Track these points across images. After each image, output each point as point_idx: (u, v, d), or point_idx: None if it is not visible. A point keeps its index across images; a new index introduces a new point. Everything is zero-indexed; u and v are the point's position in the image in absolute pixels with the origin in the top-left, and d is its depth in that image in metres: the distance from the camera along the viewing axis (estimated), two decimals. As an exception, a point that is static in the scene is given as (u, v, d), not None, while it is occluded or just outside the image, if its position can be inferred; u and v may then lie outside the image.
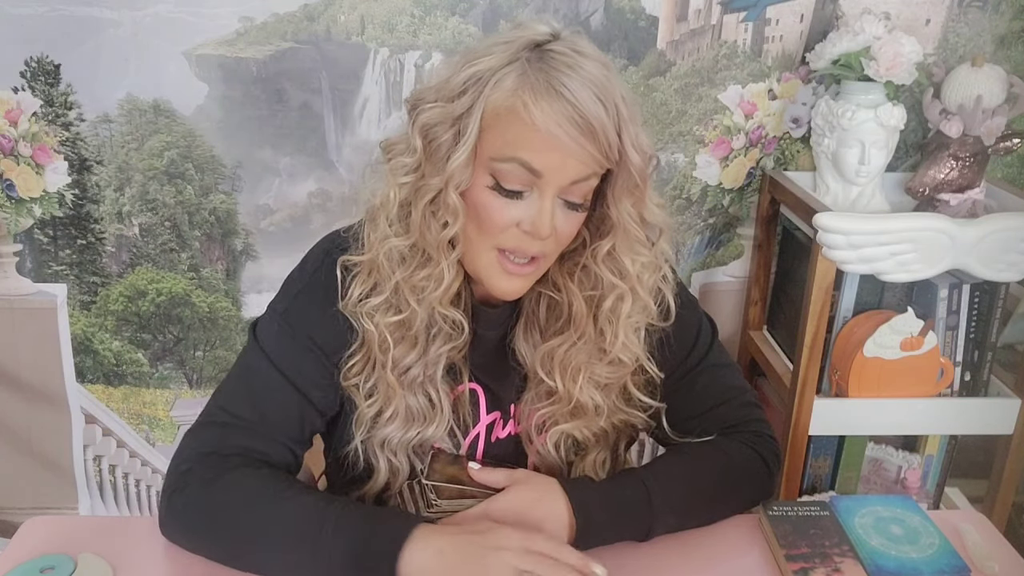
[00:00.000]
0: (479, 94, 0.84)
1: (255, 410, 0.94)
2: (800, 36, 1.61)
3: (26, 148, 1.53)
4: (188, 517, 0.90)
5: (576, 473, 1.02)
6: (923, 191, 1.52)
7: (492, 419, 1.02)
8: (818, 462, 1.63)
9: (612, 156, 0.86)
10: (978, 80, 1.48)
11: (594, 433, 1.00)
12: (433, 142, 0.87)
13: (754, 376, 1.84)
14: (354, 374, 0.95)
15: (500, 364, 1.00)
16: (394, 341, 0.93)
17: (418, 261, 0.91)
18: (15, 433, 1.74)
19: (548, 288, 0.97)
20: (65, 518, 1.62)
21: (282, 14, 1.50)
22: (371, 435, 0.97)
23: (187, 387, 1.75)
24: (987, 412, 1.53)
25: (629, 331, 0.95)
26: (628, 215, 0.91)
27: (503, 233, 0.88)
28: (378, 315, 0.92)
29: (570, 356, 0.96)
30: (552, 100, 0.82)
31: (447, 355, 0.95)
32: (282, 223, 1.64)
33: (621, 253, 0.93)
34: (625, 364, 0.97)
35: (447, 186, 0.86)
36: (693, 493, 0.96)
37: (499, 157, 0.85)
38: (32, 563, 0.91)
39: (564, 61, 0.83)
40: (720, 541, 1.01)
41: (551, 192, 0.86)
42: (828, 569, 0.92)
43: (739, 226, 1.77)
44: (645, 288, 0.95)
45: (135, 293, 1.66)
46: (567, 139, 0.83)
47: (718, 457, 1.00)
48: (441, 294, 0.91)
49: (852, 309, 1.51)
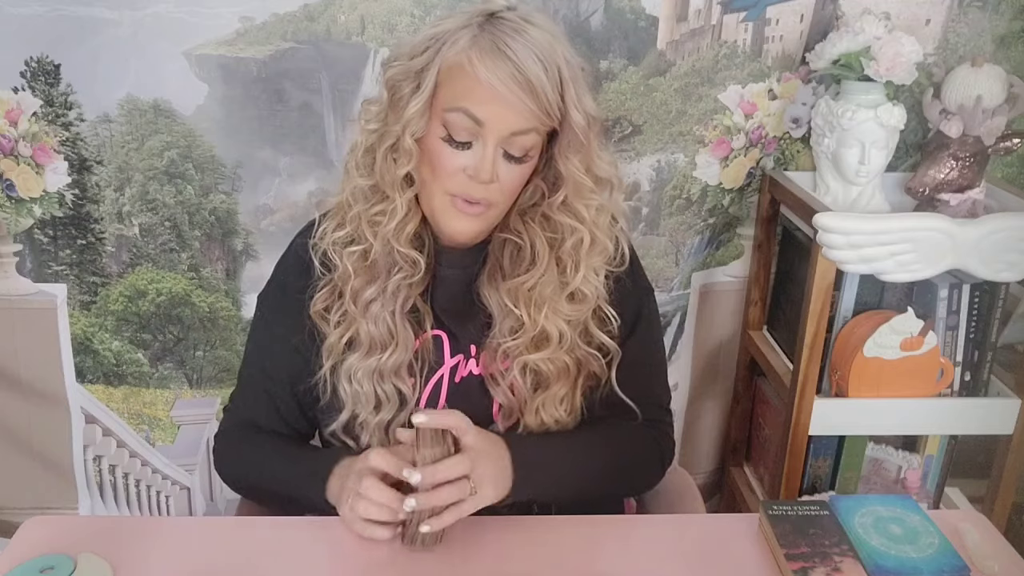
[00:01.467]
0: (436, 52, 0.96)
1: (247, 404, 1.16)
2: (800, 36, 1.61)
3: (26, 148, 1.53)
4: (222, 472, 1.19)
5: (538, 405, 1.08)
6: (923, 191, 1.52)
7: (455, 362, 1.09)
8: (818, 462, 1.64)
9: (552, 113, 0.96)
10: (978, 80, 1.48)
11: (556, 367, 1.06)
12: (396, 94, 0.99)
13: (754, 376, 1.84)
14: (320, 302, 1.07)
15: (465, 308, 1.08)
16: (355, 271, 1.04)
17: (376, 198, 1.03)
18: (15, 433, 1.74)
19: (511, 235, 1.06)
20: (65, 518, 1.62)
21: (282, 14, 1.50)
22: (337, 365, 1.07)
23: (187, 387, 1.75)
24: (987, 412, 1.53)
25: (590, 269, 1.05)
26: (576, 168, 1.01)
27: (451, 178, 0.98)
28: (341, 247, 1.04)
29: (535, 290, 1.04)
30: (495, 58, 0.93)
31: (406, 291, 1.05)
32: (282, 223, 1.64)
33: (574, 200, 1.03)
34: (587, 298, 1.06)
35: (404, 132, 0.97)
36: (601, 461, 1.09)
37: (449, 107, 0.96)
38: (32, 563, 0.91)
39: (511, 26, 0.95)
40: (720, 541, 1.01)
41: (492, 141, 0.96)
42: (828, 569, 0.92)
43: (739, 226, 1.77)
44: (602, 231, 1.05)
45: (135, 293, 1.66)
46: (507, 92, 0.93)
47: (625, 439, 1.12)
48: (395, 229, 1.01)
49: (852, 309, 1.51)
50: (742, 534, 1.01)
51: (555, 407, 1.07)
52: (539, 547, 0.99)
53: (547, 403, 1.07)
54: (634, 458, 1.14)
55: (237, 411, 1.18)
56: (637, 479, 1.18)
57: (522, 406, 1.08)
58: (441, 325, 1.08)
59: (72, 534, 0.98)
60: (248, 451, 1.15)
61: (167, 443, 1.79)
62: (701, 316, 1.83)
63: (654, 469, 1.17)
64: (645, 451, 1.15)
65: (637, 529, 1.04)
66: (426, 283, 1.07)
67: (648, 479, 1.19)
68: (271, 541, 1.00)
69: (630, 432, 1.13)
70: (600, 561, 0.97)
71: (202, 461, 1.82)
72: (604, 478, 1.09)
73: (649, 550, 0.99)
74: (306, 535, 1.00)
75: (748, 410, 1.87)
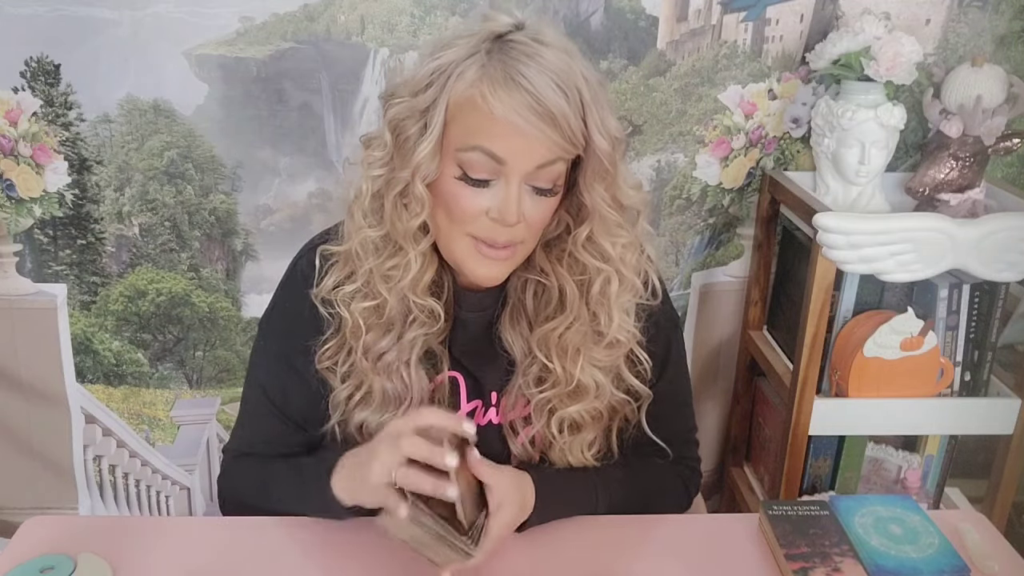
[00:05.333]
0: (443, 87, 0.86)
1: (247, 435, 1.09)
2: (800, 36, 1.61)
3: (26, 148, 1.53)
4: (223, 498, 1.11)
5: (566, 450, 1.03)
6: (923, 191, 1.52)
7: (473, 407, 1.03)
8: (818, 462, 1.63)
9: (577, 142, 0.88)
10: (978, 80, 1.48)
11: (591, 415, 1.02)
12: (401, 135, 0.89)
13: (754, 376, 1.84)
14: (328, 357, 0.99)
15: (485, 350, 1.01)
16: (367, 327, 0.96)
17: (389, 250, 0.94)
18: (15, 433, 1.74)
19: (535, 274, 0.99)
20: (65, 518, 1.62)
21: (282, 14, 1.50)
22: (346, 418, 1.01)
23: (187, 387, 1.75)
24: (987, 412, 1.53)
25: (622, 312, 0.98)
26: (602, 199, 0.93)
27: (474, 222, 0.90)
28: (352, 302, 0.96)
29: (567, 339, 0.97)
30: (510, 90, 0.84)
31: (423, 341, 0.97)
32: (282, 223, 1.64)
33: (600, 238, 0.94)
34: (622, 343, 0.99)
35: (414, 178, 0.89)
36: (626, 505, 1.04)
37: (463, 147, 0.87)
38: (32, 563, 0.91)
39: (523, 51, 0.85)
40: (720, 541, 1.01)
41: (516, 179, 0.87)
42: (828, 569, 0.92)
43: (739, 226, 1.77)
44: (629, 268, 0.97)
45: (135, 293, 1.66)
46: (527, 126, 0.84)
47: (655, 482, 1.09)
48: (410, 282, 0.94)
49: (852, 309, 1.51)
50: (742, 534, 1.01)
51: (583, 451, 1.03)
52: (539, 547, 0.99)
53: (575, 447, 1.02)
54: (661, 497, 1.10)
55: (237, 443, 1.10)
56: (661, 513, 1.10)
57: (546, 449, 1.03)
58: (458, 366, 1.02)
59: (72, 534, 0.98)
60: (251, 478, 1.07)
61: (167, 443, 1.79)
62: (701, 316, 1.83)
63: (679, 506, 1.14)
64: (672, 489, 1.12)
65: (638, 529, 1.04)
66: (445, 330, 1.00)
67: (674, 511, 1.12)
68: (271, 541, 1.00)
69: (659, 472, 1.10)
70: (600, 561, 0.97)
71: (202, 461, 1.82)
72: (628, 514, 1.05)
73: (649, 550, 0.99)
74: (306, 535, 1.00)
75: (748, 410, 1.87)
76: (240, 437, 1.10)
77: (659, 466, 1.09)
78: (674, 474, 1.12)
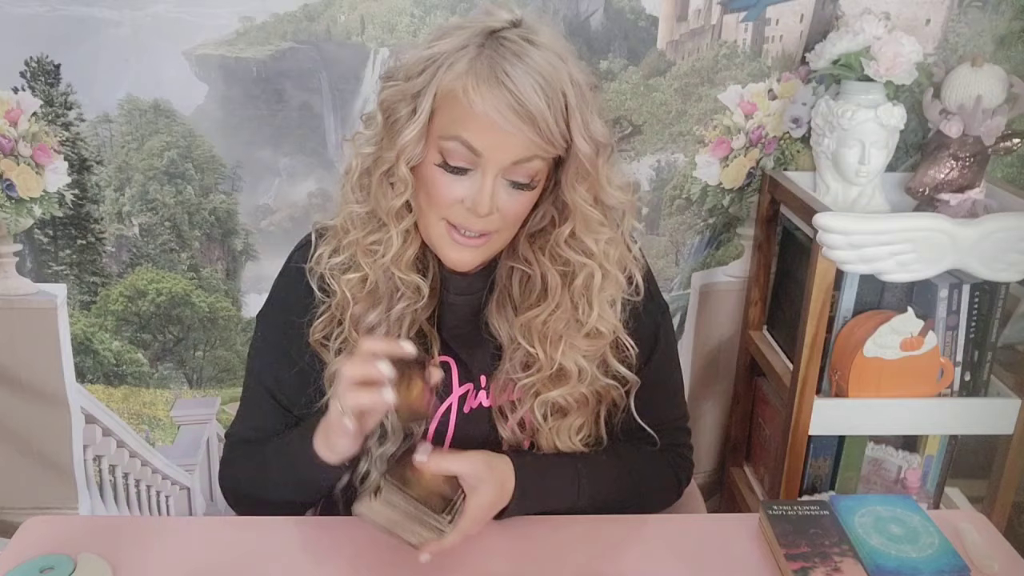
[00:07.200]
0: (433, 76, 0.89)
1: (245, 424, 1.11)
2: (800, 36, 1.61)
3: (26, 148, 1.53)
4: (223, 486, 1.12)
5: (553, 435, 1.05)
6: (923, 191, 1.52)
7: (464, 390, 1.05)
8: (818, 462, 1.63)
9: (557, 143, 0.90)
10: (978, 80, 1.48)
11: (576, 399, 1.03)
12: (391, 117, 0.92)
13: (754, 376, 1.84)
14: (320, 330, 1.02)
15: (473, 335, 1.04)
16: (353, 298, 0.99)
17: (372, 226, 0.98)
18: (15, 433, 1.74)
19: (520, 263, 1.01)
20: (65, 518, 1.62)
21: (282, 14, 1.50)
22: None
23: (187, 387, 1.75)
24: (987, 412, 1.53)
25: (604, 304, 1.00)
26: (583, 200, 0.95)
27: (449, 208, 0.93)
28: (339, 273, 0.99)
29: (549, 325, 1.00)
30: (492, 87, 0.86)
31: (411, 316, 1.00)
32: (282, 223, 1.64)
33: (582, 234, 0.97)
34: (603, 335, 1.02)
35: (399, 159, 0.92)
36: (612, 493, 1.06)
37: (445, 135, 0.90)
38: (32, 563, 0.91)
39: (512, 49, 0.87)
40: (720, 541, 1.01)
41: (492, 171, 0.90)
42: (828, 568, 0.92)
43: (739, 226, 1.77)
44: (612, 263, 0.99)
45: (135, 293, 1.66)
46: (505, 123, 0.86)
47: (642, 468, 1.10)
48: (392, 259, 0.97)
49: (852, 309, 1.51)
50: (742, 534, 1.01)
51: (570, 436, 1.05)
52: (539, 547, 0.99)
53: (562, 432, 1.04)
54: (649, 484, 1.11)
55: (237, 432, 1.12)
56: (651, 504, 1.12)
57: (534, 435, 1.05)
58: (449, 351, 1.04)
59: (72, 534, 0.98)
60: (249, 460, 1.08)
61: (167, 443, 1.79)
62: (701, 316, 1.83)
63: (670, 494, 1.15)
64: (661, 477, 1.13)
65: (637, 529, 1.04)
66: (432, 308, 1.02)
67: (664, 502, 1.15)
68: (271, 541, 1.00)
69: (647, 458, 1.10)
70: (600, 561, 0.97)
71: (202, 461, 1.82)
72: (616, 502, 1.06)
73: (649, 550, 0.99)
74: (306, 535, 1.00)
75: (748, 410, 1.87)
76: (240, 424, 1.12)
77: (648, 452, 1.10)
78: (663, 461, 1.13)
